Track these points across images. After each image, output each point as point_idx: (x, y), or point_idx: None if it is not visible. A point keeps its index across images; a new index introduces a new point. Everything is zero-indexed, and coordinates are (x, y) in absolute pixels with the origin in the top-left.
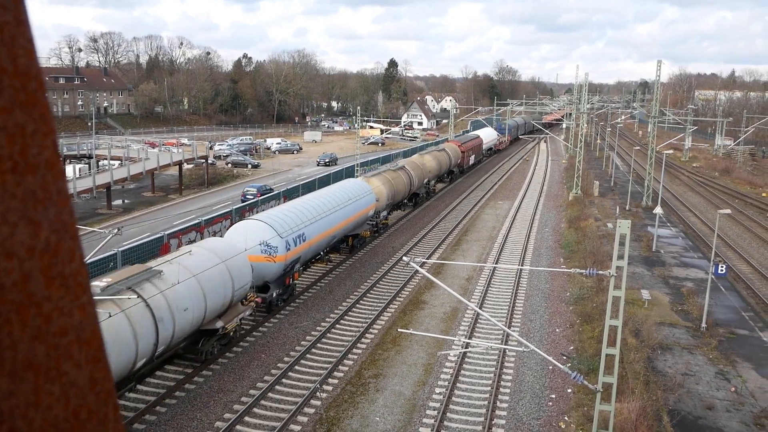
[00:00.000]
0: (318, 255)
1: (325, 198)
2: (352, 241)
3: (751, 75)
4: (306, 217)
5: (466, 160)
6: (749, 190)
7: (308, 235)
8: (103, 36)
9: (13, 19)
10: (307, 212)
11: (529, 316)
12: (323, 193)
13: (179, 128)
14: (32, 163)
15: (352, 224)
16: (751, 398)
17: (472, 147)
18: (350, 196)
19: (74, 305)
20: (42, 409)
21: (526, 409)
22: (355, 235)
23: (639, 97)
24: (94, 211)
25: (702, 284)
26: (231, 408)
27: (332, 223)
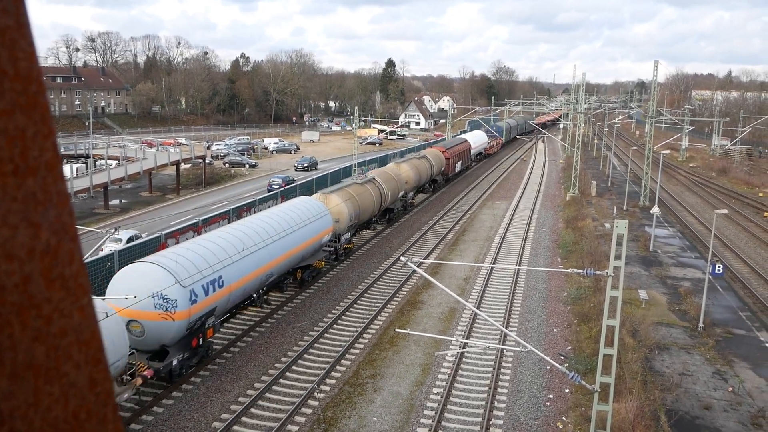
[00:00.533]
0: (248, 299)
1: (258, 226)
2: (301, 274)
3: (748, 75)
4: (226, 254)
5: (452, 167)
6: (746, 190)
7: (228, 279)
8: (100, 35)
9: (14, 22)
10: (228, 247)
11: (526, 316)
12: (257, 220)
13: (177, 128)
14: (33, 165)
15: (299, 255)
16: (748, 398)
17: (459, 152)
18: (297, 219)
19: (74, 307)
20: (42, 410)
21: (524, 409)
22: (306, 267)
23: (636, 97)
24: (91, 211)
25: (699, 284)
26: (228, 408)
27: (267, 258)
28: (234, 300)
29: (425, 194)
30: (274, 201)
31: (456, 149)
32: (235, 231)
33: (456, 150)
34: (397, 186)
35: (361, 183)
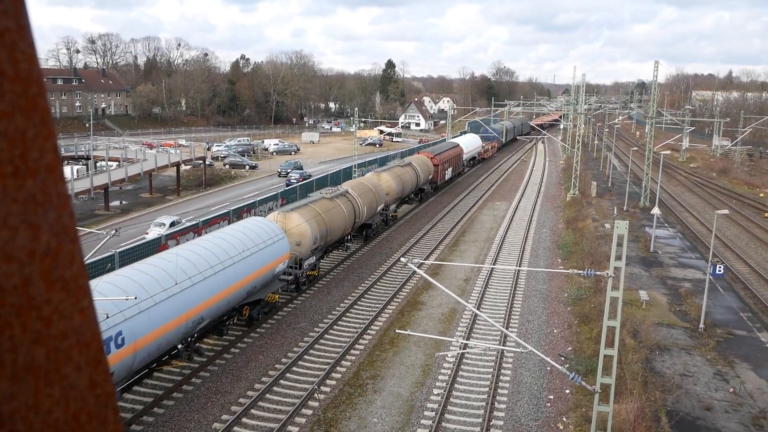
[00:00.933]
0: (172, 351)
1: (187, 257)
2: (249, 311)
3: (748, 75)
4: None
5: (441, 174)
6: (747, 191)
7: (133, 333)
8: (101, 37)
9: (14, 24)
10: (137, 290)
11: (527, 316)
12: (187, 250)
13: (177, 129)
14: (33, 167)
15: (244, 290)
16: (749, 399)
17: (449, 158)
18: (242, 247)
19: (74, 308)
20: (42, 412)
21: (525, 410)
22: (255, 302)
23: (636, 98)
24: (91, 212)
25: (700, 285)
26: (229, 409)
27: (195, 300)
28: (143, 359)
29: (411, 205)
30: (274, 202)
31: (446, 155)
32: (150, 267)
33: (446, 156)
34: (376, 198)
35: (330, 197)
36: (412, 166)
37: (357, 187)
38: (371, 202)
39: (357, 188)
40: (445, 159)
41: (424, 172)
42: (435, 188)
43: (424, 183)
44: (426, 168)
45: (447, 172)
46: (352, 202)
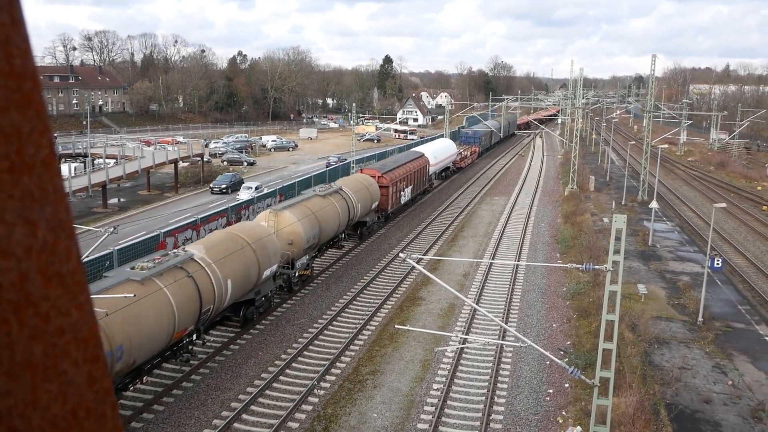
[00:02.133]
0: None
1: None
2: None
3: (746, 69)
4: None
5: (393, 198)
6: (744, 184)
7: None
8: (97, 34)
9: (8, 19)
10: None
11: (525, 311)
12: None
13: (174, 126)
14: (29, 162)
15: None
16: (748, 391)
17: (407, 174)
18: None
19: (72, 304)
20: (40, 408)
21: (524, 404)
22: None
23: (634, 92)
24: (89, 210)
25: (698, 278)
26: (229, 406)
27: None
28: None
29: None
30: (272, 199)
31: (401, 171)
32: None
33: (401, 172)
34: (371, 195)
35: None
36: (341, 193)
37: (351, 184)
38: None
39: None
40: (400, 176)
41: (363, 199)
42: (385, 217)
43: (365, 214)
44: (367, 193)
45: (404, 193)
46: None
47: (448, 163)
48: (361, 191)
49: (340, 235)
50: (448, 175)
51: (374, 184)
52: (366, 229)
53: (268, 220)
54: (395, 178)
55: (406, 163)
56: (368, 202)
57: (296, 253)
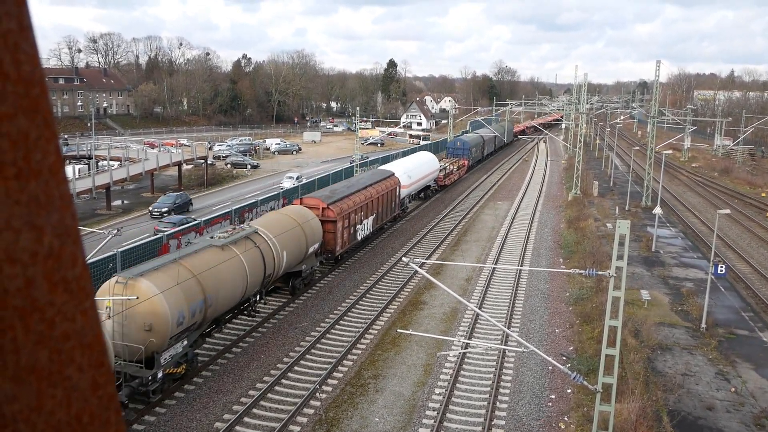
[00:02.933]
0: None
1: None
2: None
3: (750, 75)
4: None
5: (345, 234)
6: (748, 190)
7: None
8: (102, 37)
9: (16, 25)
10: None
11: (528, 316)
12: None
13: (178, 129)
14: (35, 168)
15: None
16: (751, 398)
17: (366, 202)
18: None
19: (77, 310)
20: (45, 414)
21: (526, 410)
22: None
23: (638, 97)
24: (93, 212)
25: (702, 284)
26: (230, 409)
27: None
28: None
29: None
30: (276, 202)
31: (358, 198)
32: None
33: (359, 199)
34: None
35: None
36: (255, 238)
37: (277, 222)
38: (298, 242)
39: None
40: (355, 205)
41: (294, 242)
42: (335, 260)
43: (298, 261)
44: (300, 234)
45: (361, 225)
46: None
47: (429, 181)
48: (291, 232)
49: (254, 297)
50: (428, 195)
51: (314, 219)
52: (302, 281)
53: (113, 294)
54: (347, 209)
55: (366, 187)
56: (302, 245)
57: (158, 344)
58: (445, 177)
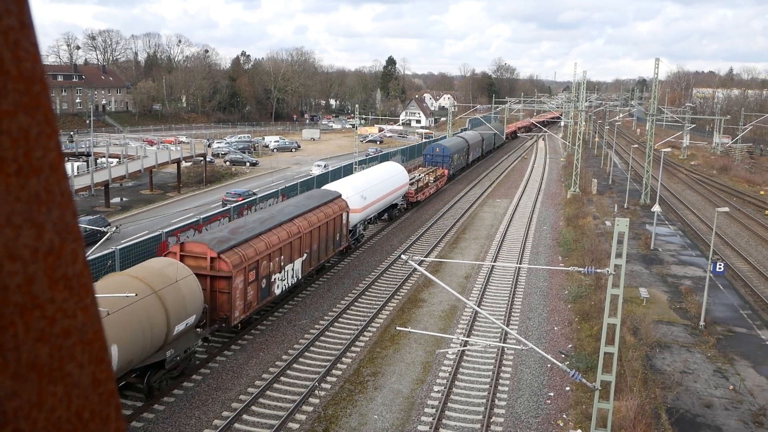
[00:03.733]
0: None
1: None
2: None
3: (749, 73)
4: None
5: (246, 294)
6: (747, 188)
7: None
8: (101, 34)
9: (17, 23)
10: None
11: (527, 314)
12: None
13: (177, 126)
14: (36, 165)
15: None
16: (749, 396)
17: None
18: None
19: (77, 307)
20: (45, 410)
21: (525, 407)
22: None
23: (637, 95)
24: (92, 209)
25: (700, 282)
26: (229, 406)
27: None
28: None
29: None
30: (274, 199)
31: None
32: None
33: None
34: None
35: None
36: None
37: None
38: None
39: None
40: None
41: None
42: (234, 330)
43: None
44: (153, 310)
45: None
46: None
47: (395, 198)
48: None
49: None
50: (395, 216)
51: (188, 278)
52: (165, 376)
53: None
54: (255, 255)
55: (293, 218)
56: (158, 324)
57: None
58: (418, 191)
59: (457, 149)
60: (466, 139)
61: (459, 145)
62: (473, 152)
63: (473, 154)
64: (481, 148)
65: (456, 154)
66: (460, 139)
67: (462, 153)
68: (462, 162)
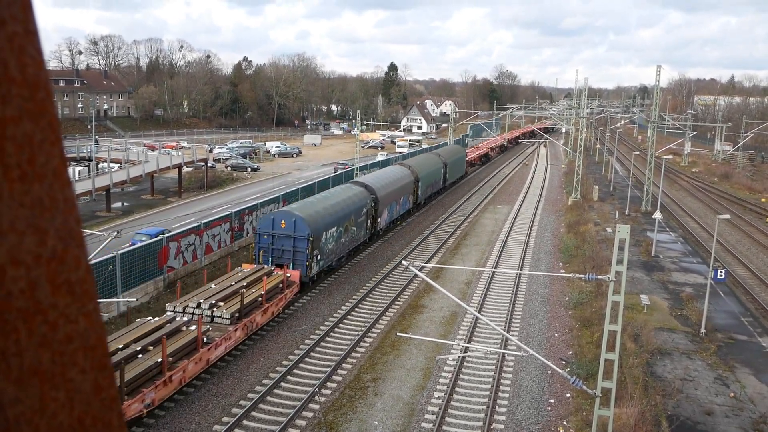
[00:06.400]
0: None
1: None
2: None
3: (751, 80)
4: None
5: None
6: (748, 195)
7: None
8: (103, 38)
9: (22, 29)
10: None
11: (528, 320)
12: None
13: (179, 131)
14: (40, 171)
15: None
16: (750, 404)
17: None
18: None
19: (80, 312)
20: (47, 416)
21: (525, 414)
22: None
23: (638, 102)
24: (93, 214)
25: (701, 289)
26: (229, 411)
27: None
28: None
29: None
30: (276, 205)
31: None
32: None
33: None
34: None
35: None
36: None
37: None
38: None
39: None
40: None
41: None
42: None
43: None
44: None
45: None
46: None
47: None
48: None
49: None
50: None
51: None
52: None
53: None
54: None
55: None
56: None
57: None
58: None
59: (350, 206)
60: (366, 187)
61: (354, 199)
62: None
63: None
64: (413, 191)
65: (345, 220)
66: (357, 191)
67: (359, 213)
68: (360, 234)
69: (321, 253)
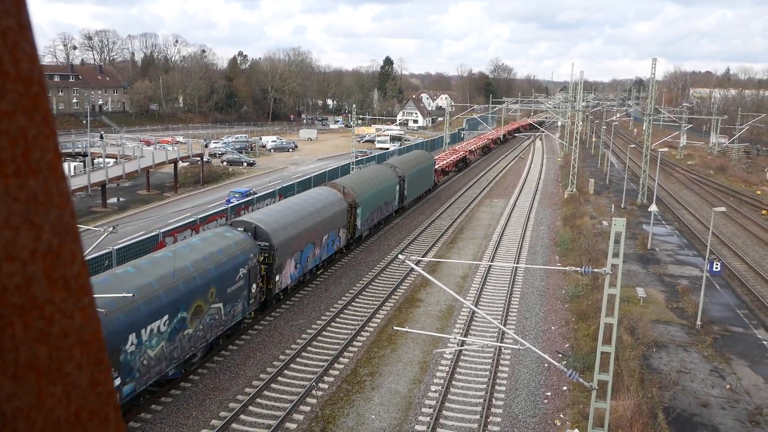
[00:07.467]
0: None
1: None
2: None
3: (746, 73)
4: None
5: None
6: (744, 188)
7: None
8: (98, 34)
9: (15, 24)
10: None
11: (524, 313)
12: None
13: (174, 126)
14: (34, 166)
15: None
16: (745, 395)
17: None
18: None
19: (76, 307)
20: (44, 411)
21: (522, 407)
22: None
23: (634, 95)
24: (89, 209)
25: (697, 282)
26: (227, 406)
27: None
28: None
29: None
30: (272, 199)
31: None
32: None
33: None
34: None
35: None
36: None
37: None
38: None
39: None
40: None
41: None
42: None
43: None
44: None
45: None
46: None
47: None
48: None
49: None
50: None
51: None
52: None
53: None
54: None
55: None
56: None
57: None
58: None
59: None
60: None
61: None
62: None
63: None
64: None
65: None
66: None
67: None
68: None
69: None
